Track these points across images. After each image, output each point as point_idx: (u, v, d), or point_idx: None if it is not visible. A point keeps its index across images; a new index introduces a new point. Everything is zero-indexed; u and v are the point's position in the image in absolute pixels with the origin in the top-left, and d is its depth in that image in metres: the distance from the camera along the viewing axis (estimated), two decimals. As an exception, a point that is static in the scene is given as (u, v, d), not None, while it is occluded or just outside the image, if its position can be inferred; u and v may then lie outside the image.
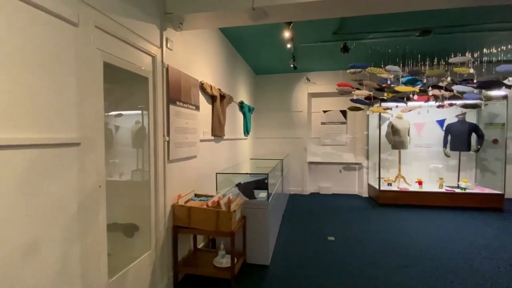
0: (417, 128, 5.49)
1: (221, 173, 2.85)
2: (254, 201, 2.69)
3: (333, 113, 6.23)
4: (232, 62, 4.19)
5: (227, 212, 2.18)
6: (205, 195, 2.62)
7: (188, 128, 2.54)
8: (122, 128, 2.32)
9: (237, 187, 3.22)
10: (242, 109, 4.64)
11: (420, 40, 3.75)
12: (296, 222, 3.95)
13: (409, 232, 3.51)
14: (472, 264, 2.64)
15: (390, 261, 2.71)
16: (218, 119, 3.29)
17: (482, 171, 5.29)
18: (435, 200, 4.68)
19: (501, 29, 3.36)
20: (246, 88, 5.13)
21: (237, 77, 4.49)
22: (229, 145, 3.99)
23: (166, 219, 2.22)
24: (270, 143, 6.13)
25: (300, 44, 4.03)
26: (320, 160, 6.15)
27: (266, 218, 2.62)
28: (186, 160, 2.55)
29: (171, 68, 2.25)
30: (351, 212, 4.45)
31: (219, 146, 3.51)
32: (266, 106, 6.10)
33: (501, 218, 4.05)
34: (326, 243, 3.20)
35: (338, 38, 3.76)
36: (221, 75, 3.60)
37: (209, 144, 3.16)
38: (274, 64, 5.27)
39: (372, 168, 5.62)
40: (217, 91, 3.22)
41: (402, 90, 3.27)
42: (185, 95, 2.48)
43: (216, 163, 3.38)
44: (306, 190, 5.99)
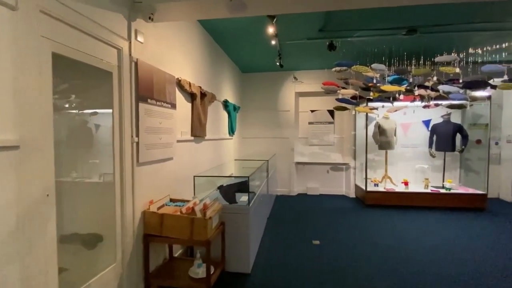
0: (403, 129, 5.48)
1: (199, 176, 2.69)
2: (234, 206, 2.54)
3: (320, 112, 6.15)
4: (216, 59, 4.01)
5: (202, 219, 2.02)
6: (182, 200, 2.44)
7: (163, 128, 2.36)
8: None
9: (219, 190, 3.07)
10: (227, 108, 4.47)
11: (406, 39, 3.69)
12: (282, 225, 3.83)
13: (396, 234, 3.44)
14: (459, 267, 2.58)
15: (377, 266, 2.61)
16: (199, 118, 3.11)
17: (466, 171, 5.33)
18: (420, 200, 4.67)
19: (484, 29, 3.33)
20: (231, 86, 4.96)
21: (221, 75, 4.32)
22: (212, 146, 3.82)
23: (135, 227, 2.03)
24: (256, 143, 5.99)
25: (286, 41, 3.90)
26: (308, 161, 6.06)
27: (247, 224, 2.47)
28: (160, 162, 2.37)
29: (141, 63, 2.06)
30: (338, 214, 4.37)
31: (200, 147, 3.33)
32: (252, 105, 5.95)
33: (484, 219, 4.07)
34: (311, 247, 3.09)
35: (324, 35, 3.65)
36: (202, 72, 3.42)
37: (188, 145, 2.98)
38: (261, 62, 5.12)
39: (359, 169, 5.57)
40: (197, 88, 3.04)
41: (388, 89, 3.20)
42: (159, 92, 2.29)
43: (197, 165, 3.20)
44: (293, 191, 5.89)
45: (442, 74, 3.73)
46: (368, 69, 3.11)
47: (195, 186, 2.75)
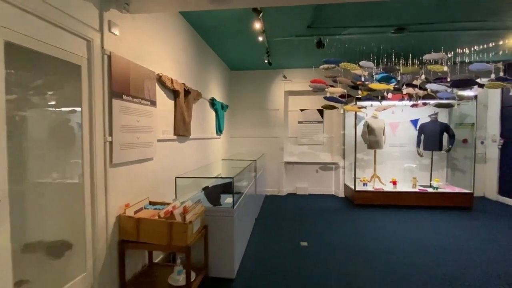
0: (391, 128, 5.49)
1: (181, 177, 2.55)
2: (218, 208, 2.42)
3: (310, 112, 6.10)
4: (202, 56, 3.87)
5: (181, 224, 1.89)
6: (162, 202, 2.31)
7: (141, 127, 2.22)
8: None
9: (203, 191, 2.95)
10: (214, 107, 4.34)
11: (394, 38, 3.66)
12: (270, 226, 3.73)
13: (384, 235, 3.41)
14: (449, 270, 2.55)
15: (365, 269, 2.56)
16: (182, 116, 2.98)
17: (452, 170, 5.39)
18: (409, 200, 4.67)
19: (470, 28, 3.33)
20: (219, 84, 4.83)
21: (208, 72, 4.18)
22: (198, 145, 3.69)
23: (108, 233, 1.89)
24: (245, 142, 5.88)
25: (274, 38, 3.80)
26: (297, 160, 6.00)
27: (231, 227, 2.36)
28: (138, 163, 2.23)
29: (115, 57, 1.91)
30: (327, 214, 4.32)
31: (185, 147, 3.19)
32: (241, 103, 5.84)
33: (472, 218, 4.09)
34: (299, 249, 3.01)
35: (313, 32, 3.58)
36: (186, 68, 3.28)
37: (171, 145, 2.85)
38: (249, 60, 5.01)
39: (348, 168, 5.55)
40: (180, 85, 2.90)
41: (377, 87, 3.15)
42: (136, 89, 2.15)
43: (181, 165, 3.07)
44: (283, 191, 5.81)
45: (430, 73, 3.72)
46: (356, 66, 3.05)
47: (178, 187, 2.61)
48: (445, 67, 2.91)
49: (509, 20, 3.07)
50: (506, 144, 4.93)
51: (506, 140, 4.94)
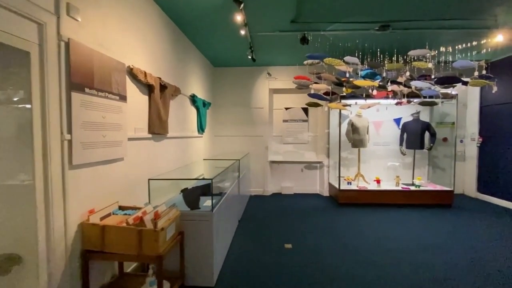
0: (375, 126, 5.51)
1: (154, 179, 2.36)
2: (195, 212, 2.24)
3: (294, 110, 6.01)
4: (182, 50, 3.67)
5: (152, 231, 1.71)
6: (133, 207, 2.11)
7: (108, 124, 2.01)
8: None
9: (182, 193, 2.76)
10: (195, 104, 4.14)
11: (379, 35, 3.62)
12: (253, 228, 3.59)
13: (369, 236, 3.36)
14: (435, 271, 2.51)
15: (350, 271, 2.47)
16: (158, 113, 2.77)
17: (433, 168, 5.48)
18: (392, 198, 4.69)
19: (454, 27, 3.34)
20: (201, 80, 4.63)
21: (188, 67, 3.98)
22: (177, 144, 3.48)
23: (68, 243, 1.68)
24: (229, 141, 5.71)
25: (257, 33, 3.66)
26: (282, 159, 5.90)
27: (210, 231, 2.20)
28: (104, 164, 2.01)
29: (75, 44, 1.70)
30: (311, 214, 4.24)
31: (161, 146, 2.99)
32: (225, 101, 5.66)
33: (453, 215, 4.15)
34: (283, 252, 2.89)
35: (297, 27, 3.47)
36: (163, 62, 3.07)
37: (145, 143, 2.63)
38: (233, 56, 4.84)
39: (333, 167, 5.51)
40: (155, 79, 2.69)
41: (361, 84, 3.09)
42: (102, 81, 1.94)
43: (157, 166, 2.86)
44: (268, 190, 5.70)
45: (414, 70, 3.72)
46: (340, 62, 2.97)
47: (152, 190, 2.41)
48: (430, 64, 2.90)
49: (489, 19, 3.10)
50: (484, 143, 5.07)
51: (484, 139, 5.07)
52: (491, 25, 3.16)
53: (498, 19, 3.03)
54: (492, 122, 4.91)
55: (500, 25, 3.17)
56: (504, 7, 2.88)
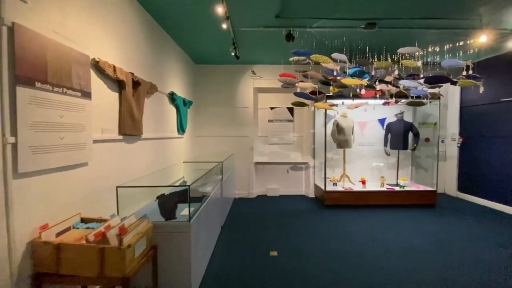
0: (360, 127, 5.48)
1: (123, 186, 2.10)
2: (170, 223, 2.02)
3: (280, 110, 5.87)
4: (159, 45, 3.40)
5: (116, 249, 1.47)
6: (98, 219, 1.85)
7: (67, 124, 1.74)
8: None
9: (158, 200, 2.52)
10: (174, 102, 3.88)
11: (366, 34, 3.54)
12: (237, 235, 3.40)
13: (356, 239, 3.26)
14: (423, 275, 2.44)
15: (337, 278, 2.34)
16: (130, 112, 2.51)
17: (416, 168, 5.54)
18: (377, 199, 4.66)
19: (439, 26, 3.32)
20: (181, 78, 4.36)
21: (167, 63, 3.71)
22: (154, 146, 3.22)
23: (13, 266, 1.41)
24: (212, 142, 5.47)
25: (240, 28, 3.46)
26: (267, 160, 5.74)
27: (187, 244, 1.98)
28: (63, 170, 1.75)
29: (22, 30, 1.43)
30: (297, 217, 4.10)
31: (135, 148, 2.72)
32: (208, 100, 5.41)
33: (437, 216, 4.17)
34: (268, 260, 2.72)
35: (282, 23, 3.31)
36: (136, 56, 2.80)
37: (115, 146, 2.37)
38: (215, 53, 4.61)
39: (318, 168, 5.43)
40: (126, 75, 2.43)
41: (349, 82, 2.98)
42: (58, 75, 1.67)
43: (129, 170, 2.59)
44: (253, 193, 5.52)
45: (402, 70, 3.68)
46: (328, 59, 2.85)
47: (123, 198, 2.15)
48: (419, 62, 2.84)
49: (474, 19, 3.09)
50: (464, 143, 5.17)
51: (464, 139, 5.17)
52: (476, 25, 3.16)
53: (482, 19, 3.03)
54: (472, 123, 5.02)
55: (484, 26, 3.18)
56: (488, 6, 2.87)
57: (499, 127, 4.46)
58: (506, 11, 2.96)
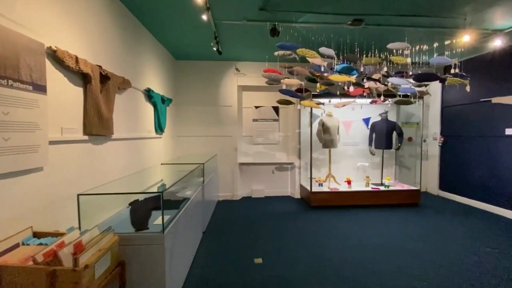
0: (345, 126, 5.44)
1: (84, 194, 1.85)
2: (140, 235, 1.79)
3: (265, 109, 5.71)
4: (134, 38, 3.13)
5: (70, 271, 1.24)
6: (54, 233, 1.60)
7: (14, 122, 1.47)
8: None
9: (130, 207, 2.28)
10: (151, 99, 3.61)
11: (353, 31, 3.45)
12: (220, 241, 3.20)
13: (343, 242, 3.16)
14: (415, 278, 2.36)
15: (326, 285, 2.22)
16: (97, 109, 2.24)
17: (400, 167, 5.58)
18: (363, 199, 4.62)
19: (425, 25, 3.29)
20: (159, 73, 4.09)
21: (143, 58, 3.44)
22: (127, 147, 2.95)
23: None
24: (194, 142, 5.22)
25: (222, 21, 3.26)
26: (252, 161, 5.57)
27: (161, 258, 1.77)
28: (9, 177, 1.48)
29: None
30: (283, 220, 3.96)
31: (104, 150, 2.45)
32: (189, 98, 5.16)
33: (422, 215, 4.18)
34: (252, 268, 2.54)
35: (266, 17, 3.14)
36: (106, 48, 2.53)
37: (79, 147, 2.10)
38: (197, 48, 4.38)
39: (304, 168, 5.34)
40: (92, 68, 2.16)
41: (337, 79, 2.87)
42: (1, 64, 1.40)
43: (97, 174, 2.33)
44: (237, 194, 5.33)
45: (390, 67, 3.62)
46: (315, 53, 2.72)
47: (88, 206, 1.90)
48: (408, 59, 2.78)
49: (458, 18, 3.07)
50: (446, 142, 5.25)
51: (446, 138, 5.25)
52: (460, 24, 3.15)
53: (467, 18, 3.02)
54: (453, 122, 5.11)
55: (468, 25, 3.18)
56: (472, 5, 2.85)
57: (479, 127, 4.55)
58: (490, 10, 2.96)
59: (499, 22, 3.27)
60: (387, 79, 3.03)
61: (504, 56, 4.08)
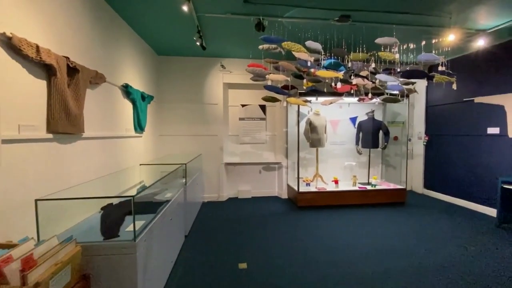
0: (332, 125, 5.40)
1: (43, 199, 1.65)
2: (108, 245, 1.60)
3: (252, 107, 5.58)
4: (110, 30, 2.92)
5: (16, 291, 1.06)
6: (6, 244, 1.39)
7: (-47, 118, 1.26)
8: None
9: (102, 211, 2.09)
10: (130, 96, 3.40)
11: (341, 28, 3.38)
12: (203, 245, 3.04)
13: (331, 244, 3.08)
14: (404, 282, 2.30)
15: (312, 294, 2.11)
16: (64, 105, 2.03)
17: (386, 166, 5.60)
18: (350, 199, 4.58)
19: (412, 23, 3.26)
20: (140, 69, 3.87)
21: (121, 51, 3.22)
22: (103, 147, 2.73)
23: None
24: (178, 141, 5.02)
25: (205, 14, 3.10)
26: (239, 161, 5.43)
27: (132, 268, 1.59)
28: None
29: None
30: (269, 221, 3.84)
31: (73, 149, 2.24)
32: (173, 95, 4.95)
33: (409, 214, 4.18)
34: (237, 274, 2.41)
35: (251, 10, 3.01)
36: (76, 39, 2.32)
37: (42, 147, 1.88)
38: (180, 43, 4.18)
39: (291, 167, 5.25)
40: (57, 58, 1.95)
41: (324, 75, 2.78)
42: None
43: (66, 177, 2.11)
44: (223, 195, 5.17)
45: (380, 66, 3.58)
46: (301, 47, 2.61)
47: (51, 214, 1.70)
48: (397, 55, 2.73)
49: (443, 16, 3.06)
50: (430, 141, 5.31)
51: (430, 137, 5.31)
52: (446, 23, 3.14)
53: (452, 16, 3.01)
54: (437, 121, 5.17)
55: (453, 24, 3.17)
56: (458, 3, 2.83)
57: (462, 126, 4.62)
58: (474, 9, 2.96)
59: (482, 22, 3.29)
60: (375, 76, 2.97)
61: (486, 56, 4.15)
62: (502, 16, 3.15)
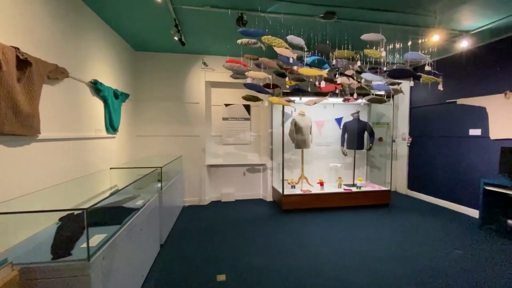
0: (317, 126, 5.31)
1: (-26, 214, 1.40)
2: (56, 266, 1.37)
3: (236, 107, 5.39)
4: (76, 21, 2.65)
5: None
6: None
7: None
8: None
9: (60, 222, 1.85)
10: (100, 93, 3.12)
11: (325, 25, 3.26)
12: (180, 255, 2.83)
13: (316, 250, 2.96)
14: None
15: (295, 309, 1.96)
16: (12, 102, 1.77)
17: (371, 167, 5.58)
18: (335, 201, 4.50)
19: (397, 22, 3.19)
20: (113, 64, 3.59)
21: (90, 45, 2.95)
22: (66, 149, 2.46)
23: None
24: (157, 142, 4.75)
25: (182, 5, 2.88)
26: (222, 162, 5.22)
27: (87, 291, 1.37)
28: None
29: None
30: (252, 227, 3.68)
31: (25, 153, 1.97)
32: (151, 93, 4.67)
33: (394, 216, 4.14)
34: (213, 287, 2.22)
35: (232, 4, 2.83)
36: (30, 28, 2.05)
37: (-16, 151, 1.62)
38: (158, 38, 3.93)
39: (276, 169, 5.11)
40: (4, 50, 1.69)
41: (307, 73, 2.64)
42: None
43: (17, 184, 1.85)
44: (205, 199, 4.95)
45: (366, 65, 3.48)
46: (282, 42, 2.46)
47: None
48: (383, 53, 2.63)
49: (429, 15, 3.01)
50: (414, 142, 5.33)
51: (414, 138, 5.33)
52: (431, 23, 3.09)
53: (437, 16, 2.96)
54: (420, 123, 5.19)
55: (437, 24, 3.13)
56: (442, 3, 2.78)
57: (445, 127, 4.64)
58: (458, 9, 2.92)
59: (466, 22, 3.28)
60: (360, 75, 2.87)
61: (469, 58, 4.17)
62: (484, 17, 3.14)
